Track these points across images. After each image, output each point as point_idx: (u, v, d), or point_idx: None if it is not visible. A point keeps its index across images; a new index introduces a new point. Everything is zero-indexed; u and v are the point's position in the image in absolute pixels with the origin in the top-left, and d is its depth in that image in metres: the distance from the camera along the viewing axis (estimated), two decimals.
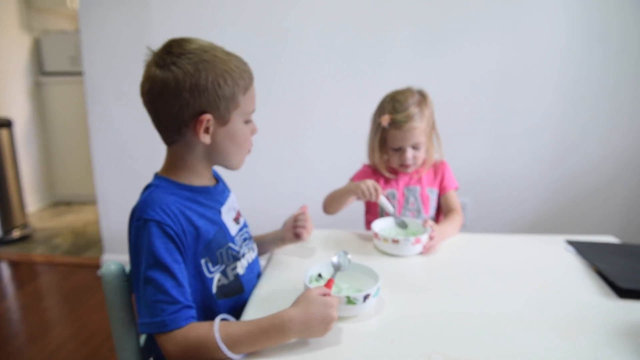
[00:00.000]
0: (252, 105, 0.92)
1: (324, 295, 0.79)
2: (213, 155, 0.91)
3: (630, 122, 2.18)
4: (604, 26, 2.08)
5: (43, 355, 1.84)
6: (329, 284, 0.84)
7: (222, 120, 0.87)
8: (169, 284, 0.77)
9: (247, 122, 0.92)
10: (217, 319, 0.77)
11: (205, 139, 0.86)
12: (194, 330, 0.76)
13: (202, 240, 0.87)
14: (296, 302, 0.78)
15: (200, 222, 0.87)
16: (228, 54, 0.88)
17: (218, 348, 0.73)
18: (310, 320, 0.75)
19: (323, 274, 0.95)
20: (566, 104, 2.18)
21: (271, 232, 1.18)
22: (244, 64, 0.89)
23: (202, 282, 0.87)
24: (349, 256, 0.95)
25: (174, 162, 0.91)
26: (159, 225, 0.80)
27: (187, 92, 0.82)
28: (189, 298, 0.80)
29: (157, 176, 0.92)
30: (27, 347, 1.91)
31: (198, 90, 0.82)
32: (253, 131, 0.95)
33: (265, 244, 1.17)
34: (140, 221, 0.81)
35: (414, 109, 1.33)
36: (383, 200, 1.27)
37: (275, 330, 0.74)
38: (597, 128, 2.20)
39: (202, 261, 0.87)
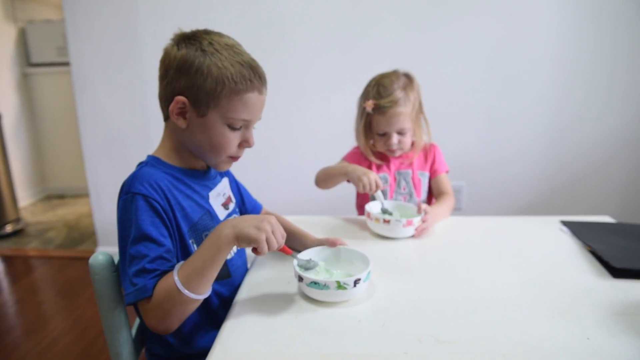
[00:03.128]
0: (243, 114, 0.86)
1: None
2: (188, 143, 0.90)
3: (626, 101, 2.17)
4: (598, 4, 2.06)
5: (39, 349, 1.84)
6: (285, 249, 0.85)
7: (199, 111, 0.85)
8: (152, 253, 0.78)
9: (233, 128, 0.87)
10: (179, 264, 0.77)
11: (179, 121, 0.87)
12: (160, 283, 0.76)
13: (188, 221, 0.88)
14: None
15: (186, 203, 0.88)
16: (240, 55, 0.85)
17: (179, 291, 0.73)
18: (242, 218, 0.77)
19: (314, 258, 0.94)
20: (561, 84, 2.17)
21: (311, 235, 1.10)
22: (251, 72, 0.85)
23: None
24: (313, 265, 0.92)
25: (164, 140, 0.93)
26: (145, 199, 0.81)
27: (174, 69, 0.84)
28: (169, 265, 0.79)
29: (149, 156, 0.93)
30: (23, 340, 1.91)
31: (183, 71, 0.83)
32: (245, 143, 0.91)
33: (296, 238, 1.09)
34: (129, 195, 0.81)
35: (398, 94, 1.30)
36: (379, 195, 1.24)
37: (212, 236, 0.76)
38: (593, 108, 2.19)
39: (190, 241, 0.88)
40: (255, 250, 0.77)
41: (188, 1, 2.21)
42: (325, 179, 1.38)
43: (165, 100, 0.88)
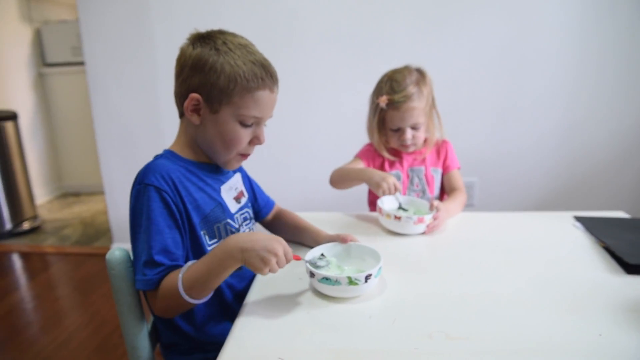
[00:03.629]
0: (254, 111, 0.89)
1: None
2: (201, 139, 0.93)
3: (637, 97, 2.13)
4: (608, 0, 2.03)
5: (56, 344, 1.87)
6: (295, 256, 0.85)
7: (212, 108, 0.88)
8: (157, 247, 0.82)
9: (244, 125, 0.90)
10: (189, 263, 0.82)
11: (193, 117, 0.90)
12: (167, 278, 0.81)
13: (200, 213, 0.91)
14: None
15: (198, 195, 0.91)
16: (252, 54, 0.88)
17: (180, 294, 0.78)
18: (253, 240, 0.78)
19: (326, 254, 0.95)
20: (572, 78, 2.14)
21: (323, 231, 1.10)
22: (262, 71, 0.88)
23: (202, 254, 0.89)
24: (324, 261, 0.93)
25: (179, 136, 0.97)
26: (157, 190, 0.84)
27: (189, 67, 0.88)
28: (178, 259, 0.84)
29: (165, 149, 0.97)
30: (40, 336, 1.95)
31: (197, 69, 0.86)
32: (256, 140, 0.94)
33: (308, 234, 1.10)
34: (141, 185, 0.85)
35: (412, 89, 1.30)
36: (397, 197, 1.24)
37: (220, 249, 0.79)
38: (604, 104, 2.16)
39: (202, 233, 0.91)
40: None
41: (200, 2, 2.23)
42: (341, 181, 1.38)
43: (181, 97, 0.91)
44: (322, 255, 0.94)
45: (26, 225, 3.17)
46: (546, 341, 0.71)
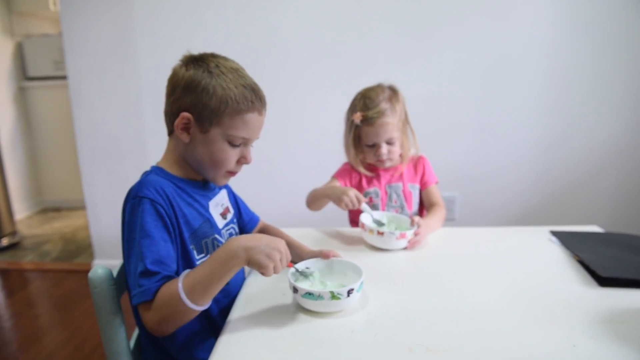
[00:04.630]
0: (243, 132, 0.92)
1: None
2: (189, 156, 0.95)
3: (617, 112, 2.21)
4: (590, 16, 2.11)
5: None
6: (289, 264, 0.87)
7: (202, 127, 0.91)
8: (152, 257, 0.81)
9: (233, 145, 0.93)
10: (186, 271, 0.81)
11: (183, 135, 0.92)
12: (163, 287, 0.80)
13: (190, 228, 0.93)
14: None
15: (187, 210, 0.93)
16: (243, 78, 0.92)
17: (181, 299, 0.76)
18: (254, 239, 0.80)
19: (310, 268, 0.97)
20: (553, 95, 2.20)
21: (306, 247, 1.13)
22: (252, 94, 0.91)
23: (190, 267, 0.90)
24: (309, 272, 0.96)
25: (167, 153, 0.99)
26: (152, 203, 0.86)
27: (181, 88, 0.90)
28: (171, 271, 0.83)
29: (153, 166, 0.98)
30: (20, 354, 1.91)
31: (190, 90, 0.89)
32: (243, 159, 0.97)
33: (292, 250, 1.09)
34: (136, 199, 0.86)
35: (384, 105, 1.34)
36: (365, 208, 1.27)
37: (223, 250, 0.79)
38: (585, 119, 2.23)
39: (191, 247, 0.93)
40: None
41: (183, 17, 2.25)
42: (314, 201, 1.41)
43: (171, 115, 0.93)
44: (308, 267, 0.96)
45: (5, 242, 3.11)
46: (524, 353, 0.73)
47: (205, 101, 0.88)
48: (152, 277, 0.80)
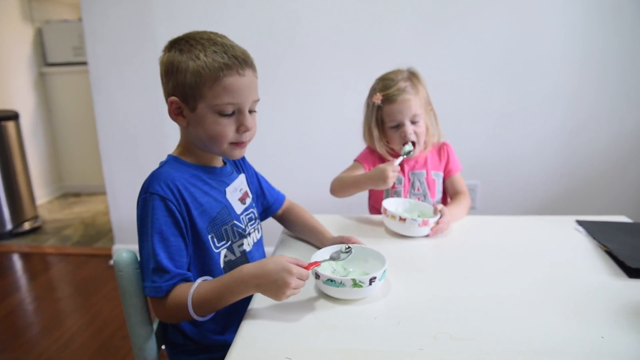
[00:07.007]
0: (227, 98, 0.88)
1: (296, 265, 0.80)
2: (193, 139, 0.95)
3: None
4: (611, 1, 2.04)
5: (57, 345, 1.88)
6: (309, 265, 0.85)
7: (190, 106, 0.90)
8: (162, 254, 0.85)
9: (224, 114, 0.89)
10: (199, 280, 0.85)
11: (179, 120, 0.93)
12: (176, 291, 0.84)
13: (207, 217, 0.93)
14: (260, 260, 0.85)
15: (203, 199, 0.93)
16: (214, 45, 0.88)
17: (187, 310, 0.82)
18: (264, 275, 0.80)
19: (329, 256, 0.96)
20: (575, 81, 2.15)
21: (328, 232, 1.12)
22: (225, 56, 0.87)
23: (210, 257, 0.93)
24: (348, 255, 0.93)
25: (180, 141, 0.99)
26: (162, 199, 0.87)
27: (164, 75, 0.93)
28: (182, 267, 0.87)
29: (169, 155, 0.98)
30: (42, 337, 1.95)
31: (169, 74, 0.91)
32: (243, 127, 0.91)
33: (314, 235, 1.12)
34: (147, 194, 0.87)
35: (404, 83, 1.34)
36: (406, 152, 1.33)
37: (234, 281, 0.81)
38: (606, 106, 2.17)
39: (209, 237, 0.93)
40: None
41: (204, 3, 2.23)
42: (344, 188, 1.37)
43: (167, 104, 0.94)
44: (348, 247, 0.94)
45: (27, 226, 3.17)
46: (549, 342, 0.72)
47: (182, 80, 0.88)
48: (164, 275, 0.84)
